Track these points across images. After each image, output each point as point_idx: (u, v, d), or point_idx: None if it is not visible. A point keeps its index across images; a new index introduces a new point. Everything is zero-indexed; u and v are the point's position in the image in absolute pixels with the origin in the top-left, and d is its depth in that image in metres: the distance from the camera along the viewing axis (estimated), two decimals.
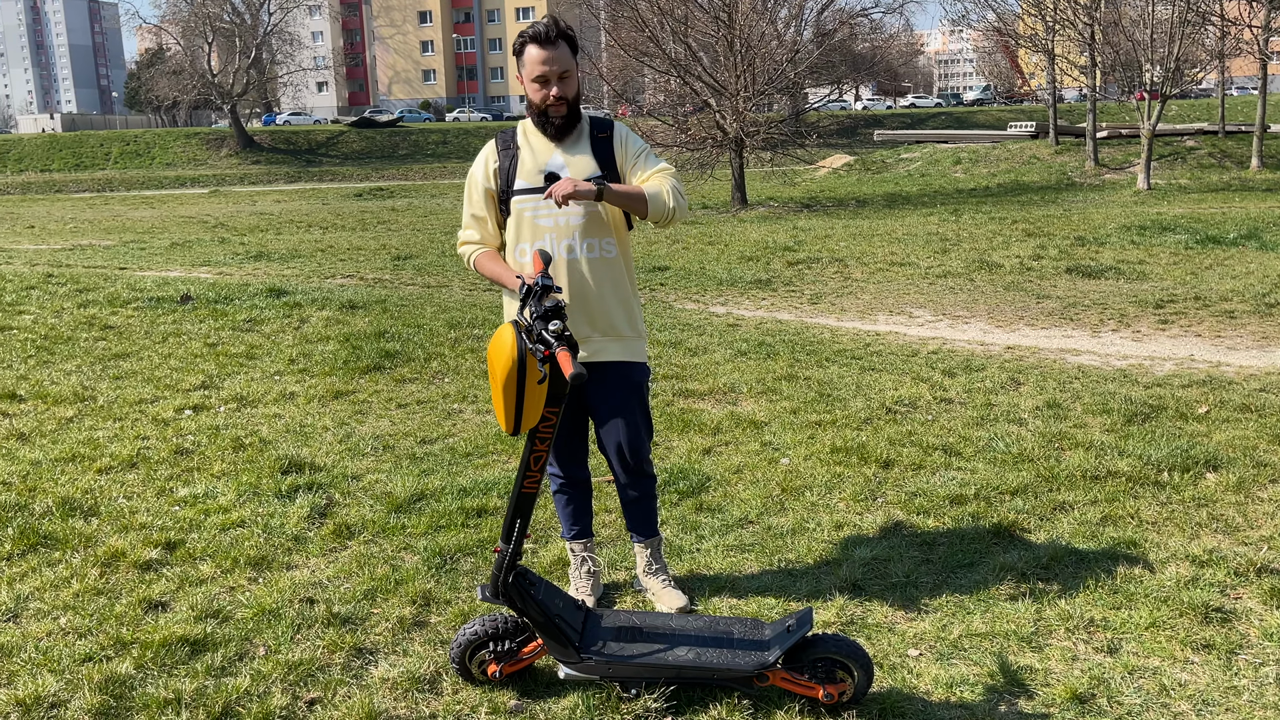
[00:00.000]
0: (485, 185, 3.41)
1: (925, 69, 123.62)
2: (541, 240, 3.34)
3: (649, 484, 3.59)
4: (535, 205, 3.34)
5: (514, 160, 3.38)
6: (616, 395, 3.43)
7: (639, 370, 3.47)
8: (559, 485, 3.61)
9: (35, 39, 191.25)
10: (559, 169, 3.34)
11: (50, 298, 9.86)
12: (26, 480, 4.79)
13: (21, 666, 3.16)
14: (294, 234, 18.93)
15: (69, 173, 53.99)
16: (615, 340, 3.41)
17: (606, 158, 3.38)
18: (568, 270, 3.34)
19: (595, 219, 3.37)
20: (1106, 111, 42.47)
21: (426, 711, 2.98)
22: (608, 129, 3.42)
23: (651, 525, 3.64)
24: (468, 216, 3.47)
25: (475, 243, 3.46)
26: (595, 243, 3.36)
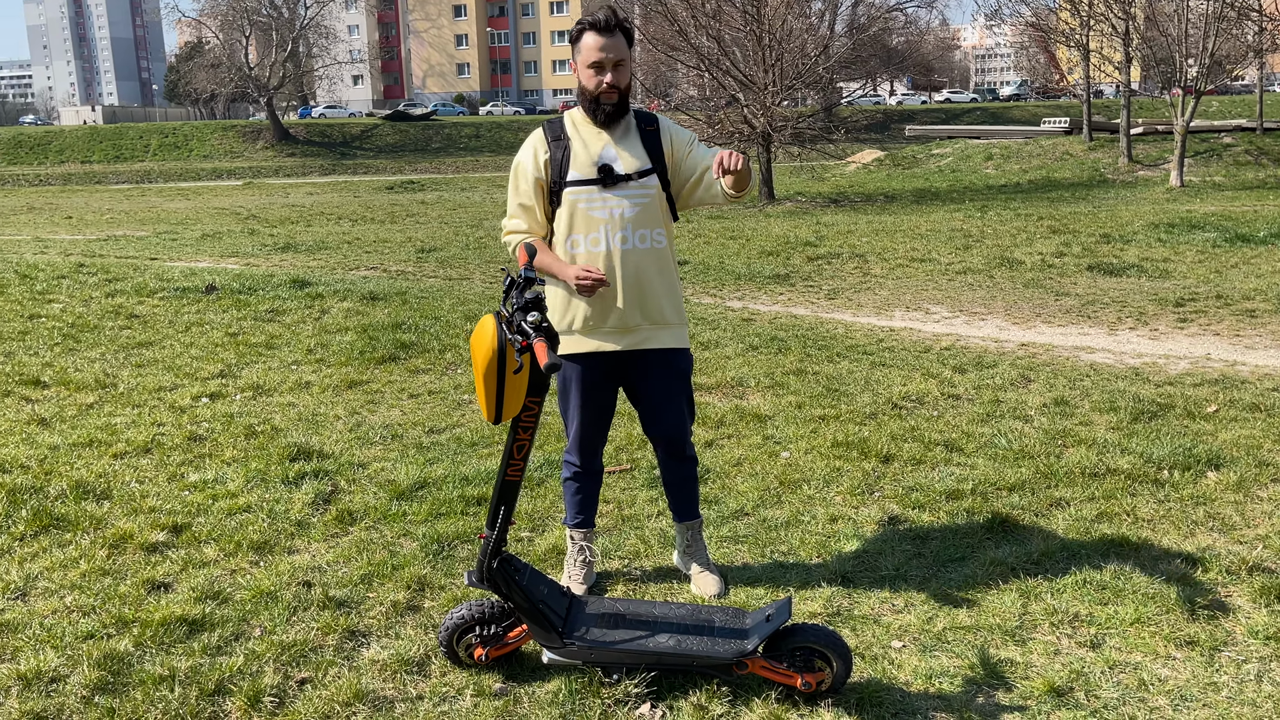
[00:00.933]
0: (535, 175, 3.45)
1: (961, 64, 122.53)
2: (595, 231, 3.41)
3: (691, 466, 3.71)
4: (589, 197, 3.41)
5: (566, 152, 3.43)
6: (664, 382, 3.53)
7: (684, 357, 3.58)
8: (573, 473, 3.68)
9: (78, 32, 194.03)
10: (612, 161, 3.41)
11: (80, 287, 10.06)
12: (43, 464, 4.92)
13: (25, 643, 3.27)
14: (323, 226, 19.13)
15: (109, 164, 54.77)
16: (663, 328, 3.50)
17: (655, 150, 3.48)
18: (621, 260, 3.41)
19: (647, 210, 3.44)
20: (1147, 107, 41.96)
21: (414, 693, 3.06)
22: (654, 122, 3.52)
23: (693, 508, 3.75)
24: (514, 205, 3.50)
25: (523, 232, 3.50)
26: (647, 233, 3.45)
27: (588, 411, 3.54)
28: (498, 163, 53.39)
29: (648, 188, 3.44)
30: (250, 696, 2.97)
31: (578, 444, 3.60)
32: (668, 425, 3.58)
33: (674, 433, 3.59)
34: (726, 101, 23.98)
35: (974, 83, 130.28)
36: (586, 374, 3.50)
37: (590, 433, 3.59)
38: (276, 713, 2.94)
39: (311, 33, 69.25)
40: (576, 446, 3.61)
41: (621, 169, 3.41)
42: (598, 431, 3.60)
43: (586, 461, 3.65)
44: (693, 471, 3.73)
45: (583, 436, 3.58)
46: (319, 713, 2.94)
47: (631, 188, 3.42)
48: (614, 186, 3.40)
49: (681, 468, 3.69)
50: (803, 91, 27.76)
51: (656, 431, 3.61)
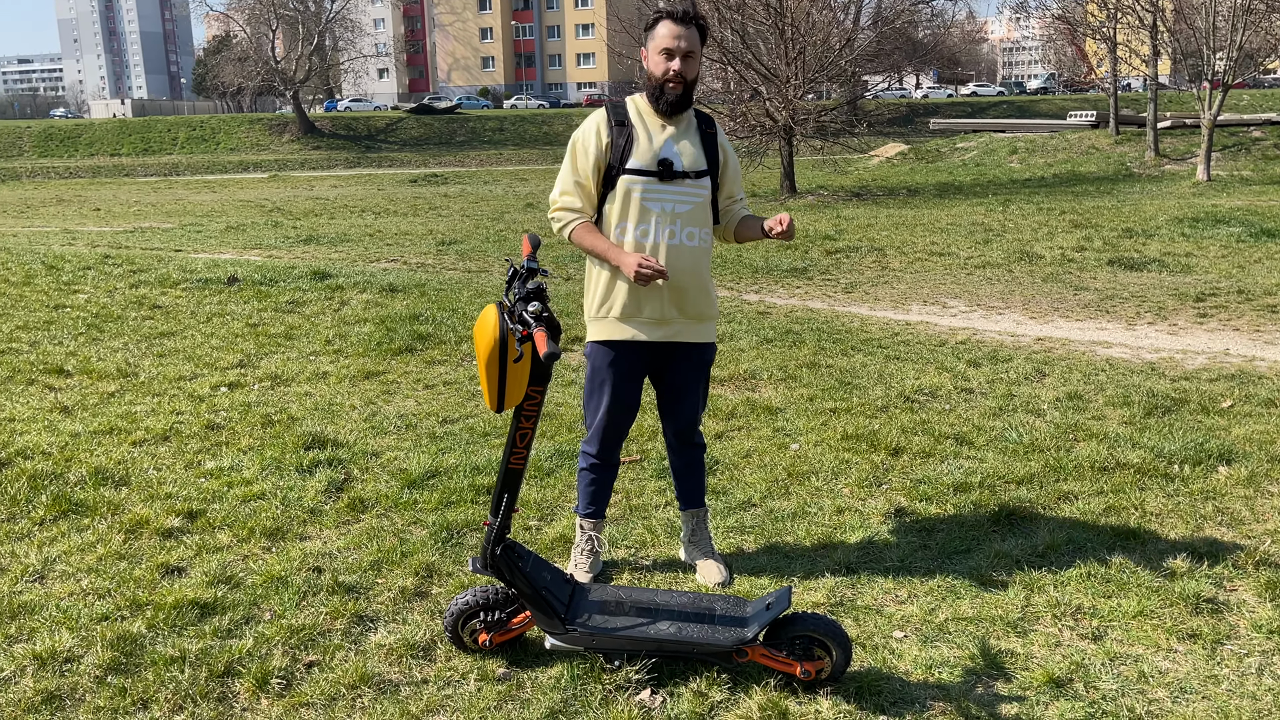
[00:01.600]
0: (597, 156, 3.46)
1: (988, 57, 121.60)
2: (646, 223, 3.45)
3: (699, 453, 3.79)
4: (645, 188, 3.44)
5: (630, 139, 3.46)
6: (687, 373, 3.62)
7: (710, 350, 3.67)
8: (590, 464, 3.71)
9: (108, 26, 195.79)
10: (674, 156, 3.45)
11: (105, 278, 10.19)
12: (64, 451, 5.01)
13: (42, 624, 3.35)
14: (346, 219, 19.27)
15: (137, 157, 55.30)
16: (696, 323, 3.57)
17: (712, 153, 3.54)
18: (667, 255, 3.46)
19: (699, 210, 3.50)
20: (1176, 101, 41.53)
21: (419, 677, 3.11)
22: (713, 127, 3.59)
23: (698, 495, 3.81)
24: (570, 182, 3.48)
25: (576, 210, 3.49)
26: (695, 231, 3.50)
27: (614, 399, 3.57)
28: (521, 156, 53.55)
29: (702, 188, 3.50)
30: (258, 678, 3.03)
31: (600, 433, 3.63)
32: (683, 413, 3.67)
33: (688, 419, 3.69)
34: (750, 95, 23.94)
35: (1001, 76, 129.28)
36: (619, 361, 3.55)
37: (614, 422, 3.61)
38: (284, 694, 2.99)
39: (337, 26, 69.65)
40: (598, 436, 3.64)
41: (681, 165, 3.46)
42: (622, 422, 3.64)
43: (605, 454, 3.68)
44: (700, 458, 3.79)
45: (606, 425, 3.61)
46: (325, 695, 2.99)
47: (687, 185, 3.47)
48: (671, 181, 3.45)
49: (690, 453, 3.77)
50: (826, 85, 27.67)
51: (671, 418, 3.70)
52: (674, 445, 3.77)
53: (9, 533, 4.09)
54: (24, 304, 8.80)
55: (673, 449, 3.78)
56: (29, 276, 10.16)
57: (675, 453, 3.78)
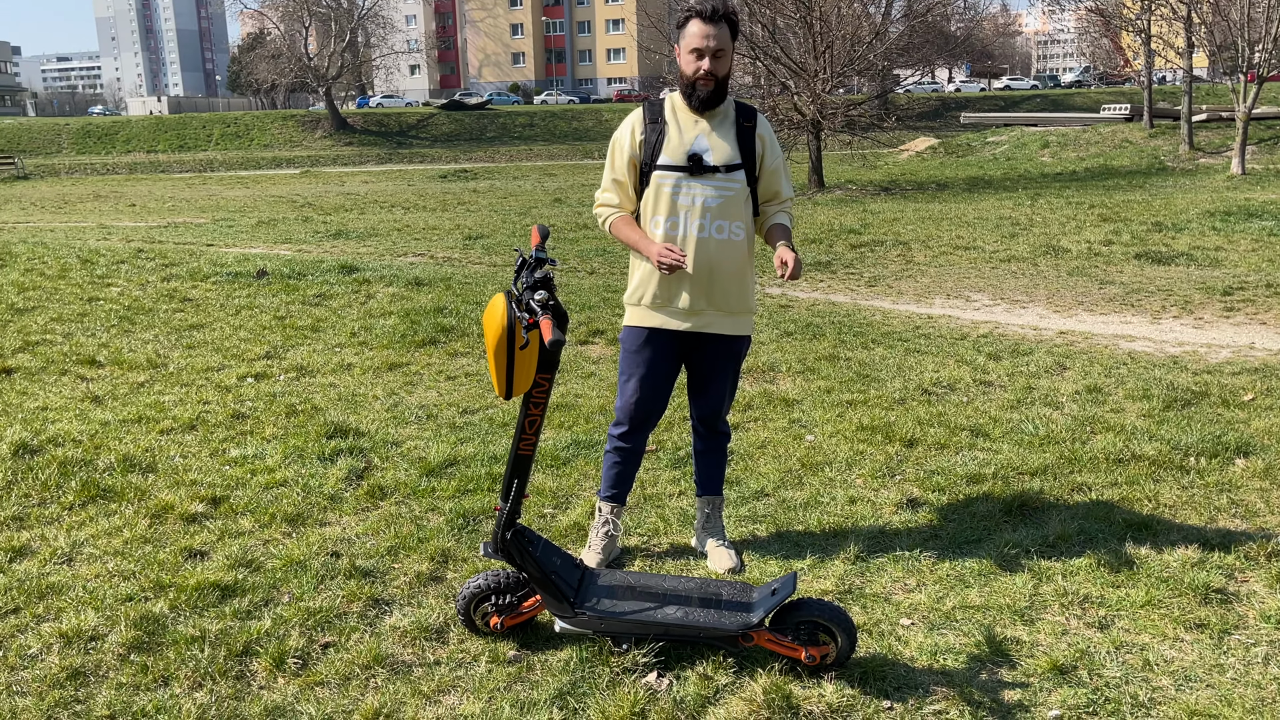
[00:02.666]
0: (630, 153, 3.58)
1: (1023, 50, 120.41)
2: (675, 216, 3.53)
3: (723, 441, 3.88)
4: (675, 182, 3.52)
5: (661, 135, 3.55)
6: (717, 362, 3.69)
7: (741, 343, 3.73)
8: (615, 448, 3.79)
9: (145, 24, 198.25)
10: (704, 151, 3.52)
11: (138, 271, 10.37)
12: (94, 438, 5.14)
13: (69, 604, 3.45)
14: (376, 214, 19.44)
15: (173, 153, 55.97)
16: (726, 315, 3.62)
17: (748, 146, 3.57)
18: (696, 247, 3.53)
19: (730, 204, 3.54)
20: (1214, 94, 40.98)
21: (431, 658, 3.18)
22: (752, 118, 3.62)
23: (717, 484, 3.90)
24: (609, 180, 3.63)
25: (614, 206, 3.63)
26: (725, 224, 3.54)
27: (644, 383, 3.66)
28: (551, 152, 53.68)
29: (734, 181, 3.54)
30: (275, 657, 3.12)
31: (627, 417, 3.71)
32: (710, 400, 3.76)
33: (714, 407, 3.78)
34: (779, 89, 23.89)
35: (1035, 69, 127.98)
36: (649, 346, 3.63)
37: (642, 406, 3.68)
38: (299, 673, 3.07)
39: (370, 23, 70.15)
40: (626, 419, 3.71)
41: (711, 160, 3.52)
42: (650, 407, 3.70)
43: (630, 437, 3.75)
44: (724, 446, 3.89)
45: (634, 410, 3.69)
46: (339, 674, 3.07)
47: (718, 179, 3.52)
48: (701, 176, 3.51)
49: (714, 440, 3.87)
50: (855, 79, 27.55)
51: (697, 403, 3.79)
52: (699, 430, 3.87)
53: (39, 517, 4.21)
54: (59, 297, 8.97)
55: (697, 434, 3.88)
56: (64, 270, 10.35)
57: (700, 438, 3.88)
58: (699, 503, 3.91)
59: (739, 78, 28.05)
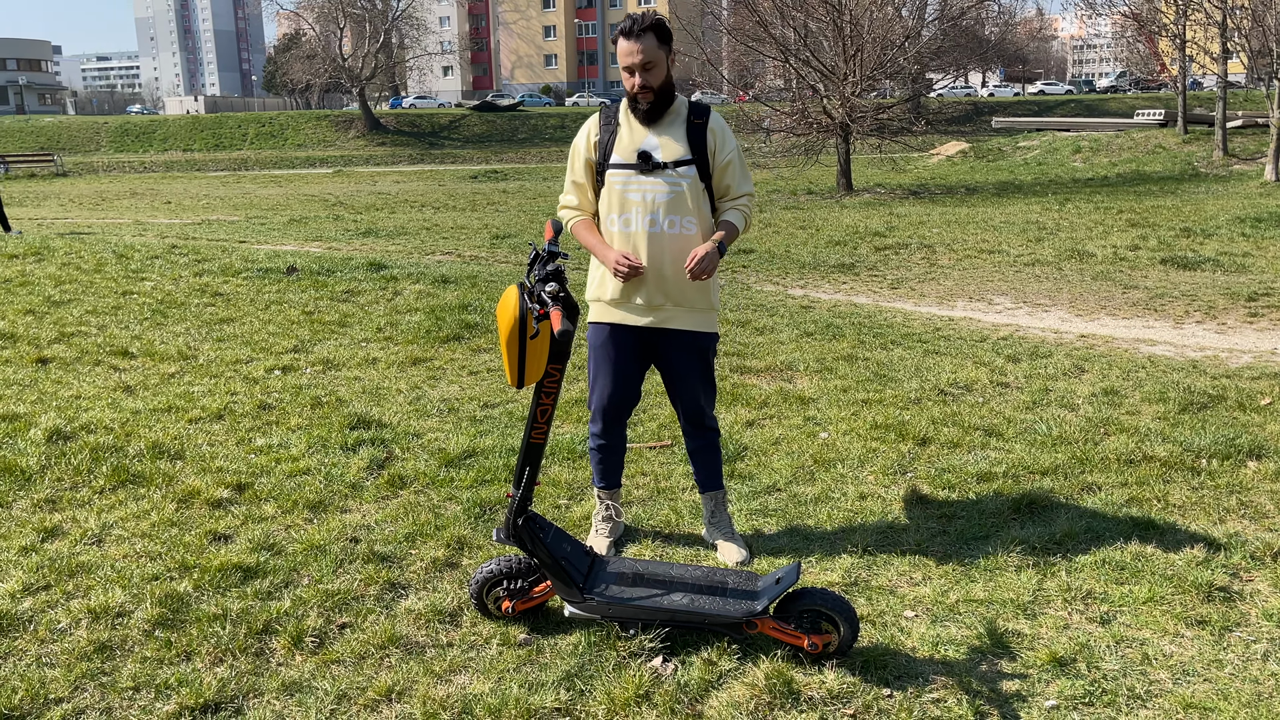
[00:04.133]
0: (586, 155, 3.72)
1: (1058, 54, 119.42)
2: (628, 212, 3.63)
3: (712, 437, 3.92)
4: (626, 180, 3.64)
5: (613, 135, 3.67)
6: (683, 360, 3.75)
7: (706, 338, 3.78)
8: (596, 444, 3.90)
9: (183, 25, 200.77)
10: (652, 149, 3.62)
11: (171, 266, 10.57)
12: (125, 426, 5.28)
13: (97, 582, 3.58)
14: (406, 213, 19.64)
15: (208, 152, 56.67)
16: (687, 311, 3.70)
17: (699, 143, 3.65)
18: (648, 242, 3.63)
19: (679, 199, 3.63)
20: (1250, 100, 40.48)
21: (444, 640, 3.27)
22: (704, 115, 3.69)
23: (715, 479, 3.95)
24: (568, 182, 3.79)
25: (574, 208, 3.77)
26: (676, 219, 3.63)
27: (609, 378, 3.76)
28: None
29: (683, 177, 3.62)
30: (294, 636, 3.22)
31: (600, 411, 3.82)
32: (686, 399, 3.81)
33: (691, 406, 3.82)
34: (809, 92, 23.90)
35: (1070, 74, 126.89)
36: (611, 343, 3.73)
37: (611, 401, 3.79)
38: (317, 651, 3.18)
39: (403, 24, 70.69)
40: (599, 415, 3.83)
41: (660, 157, 3.61)
42: (619, 401, 3.80)
43: (608, 432, 3.86)
44: (714, 442, 3.92)
45: (603, 404, 3.80)
46: (355, 653, 3.17)
47: (668, 175, 3.61)
48: (651, 173, 3.60)
49: (702, 438, 3.90)
50: (887, 83, 27.51)
51: (678, 404, 3.86)
52: (686, 430, 3.93)
53: (71, 499, 4.35)
54: (94, 290, 9.18)
55: (686, 433, 3.94)
56: (100, 265, 10.57)
57: (689, 437, 3.93)
58: (703, 500, 3.99)
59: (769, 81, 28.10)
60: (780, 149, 24.05)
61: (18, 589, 3.53)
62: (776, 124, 23.36)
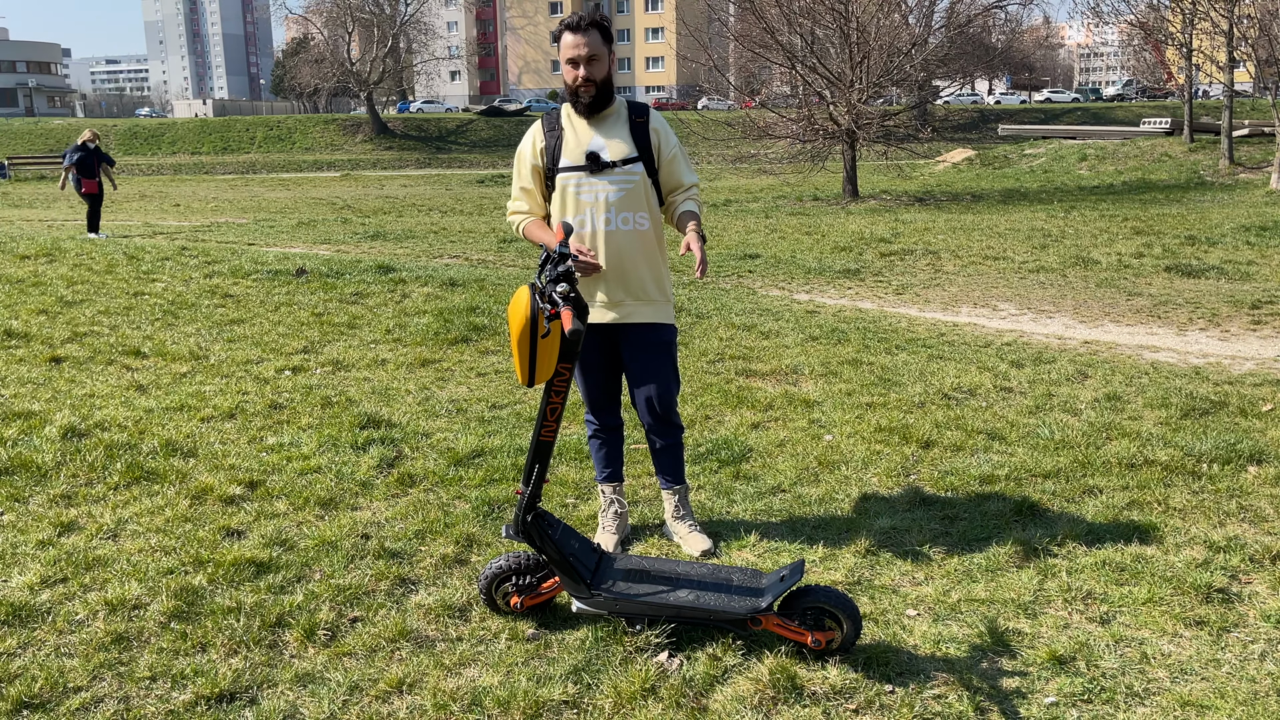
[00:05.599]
0: (533, 162, 3.80)
1: (1065, 62, 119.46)
2: (583, 213, 3.72)
3: (676, 433, 3.98)
4: (578, 182, 3.72)
5: (559, 140, 3.76)
6: (646, 353, 3.82)
7: (667, 330, 3.86)
8: (594, 431, 4.02)
9: (192, 28, 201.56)
10: (600, 149, 3.71)
11: (181, 268, 10.65)
12: (138, 424, 5.35)
13: (113, 575, 3.64)
14: (413, 217, 19.73)
15: (216, 155, 56.90)
16: (646, 304, 3.79)
17: (642, 141, 3.76)
18: (605, 240, 3.71)
19: (631, 195, 3.73)
20: (1256, 108, 40.50)
21: (454, 634, 3.33)
22: (644, 114, 3.80)
23: (678, 473, 4.02)
24: (516, 189, 3.87)
25: (524, 212, 3.86)
26: (629, 216, 3.73)
27: (587, 372, 3.89)
28: None
29: (632, 174, 3.73)
30: (306, 629, 3.29)
31: (589, 404, 3.98)
32: (649, 392, 3.86)
33: (662, 397, 3.86)
34: (815, 99, 23.97)
35: (1077, 82, 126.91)
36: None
37: (595, 392, 3.93)
38: (329, 644, 3.24)
39: (411, 29, 70.96)
40: (590, 405, 3.98)
41: (608, 156, 3.71)
42: (603, 392, 3.93)
43: (602, 419, 3.99)
44: (677, 438, 3.98)
45: (589, 396, 3.95)
46: (366, 647, 3.23)
47: (617, 174, 3.71)
48: (601, 173, 3.70)
49: (666, 432, 3.95)
50: (893, 90, 27.59)
51: (639, 397, 3.89)
52: (653, 428, 3.94)
53: (87, 495, 4.42)
54: (106, 291, 9.26)
55: (652, 431, 3.95)
56: (111, 266, 10.65)
57: (656, 435, 3.95)
58: (665, 496, 4.05)
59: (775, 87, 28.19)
60: (786, 155, 24.13)
61: (36, 581, 3.60)
62: (783, 130, 23.41)
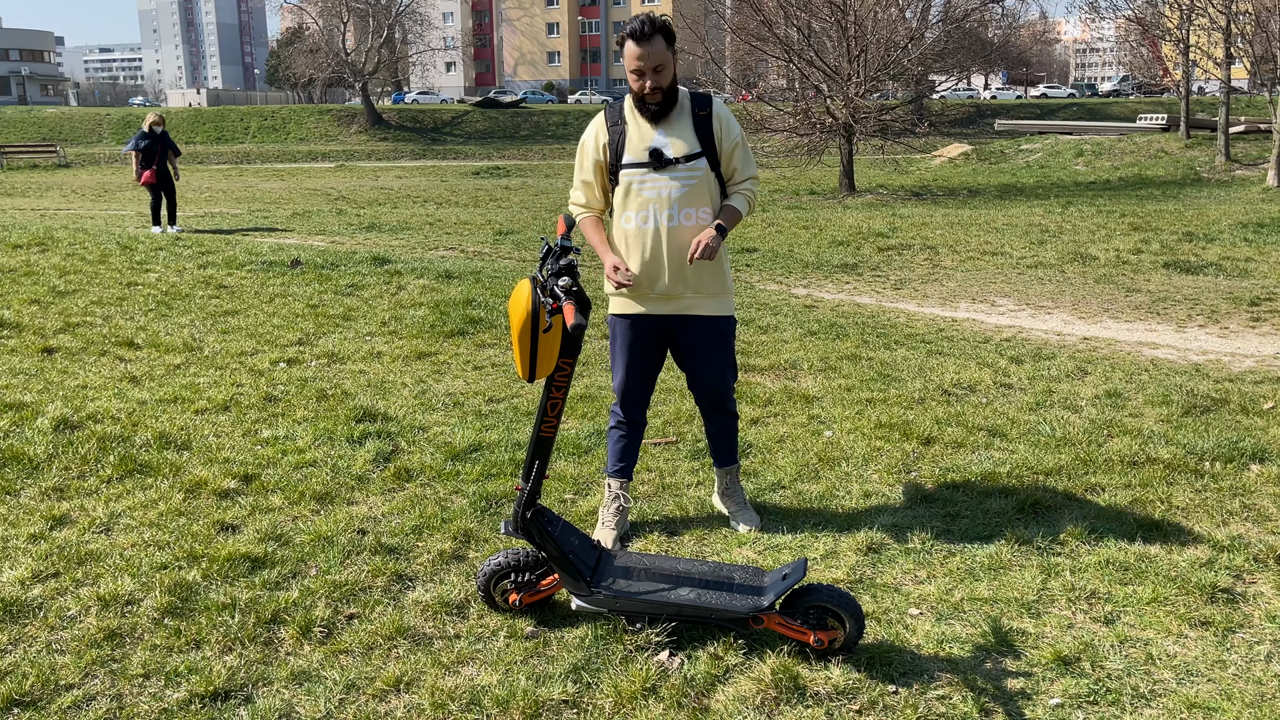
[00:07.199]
0: (595, 156, 3.81)
1: (1061, 58, 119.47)
2: (646, 209, 3.73)
3: (731, 420, 4.08)
4: (640, 178, 3.74)
5: (622, 136, 3.76)
6: (705, 344, 3.87)
7: (725, 322, 3.91)
8: (617, 423, 4.03)
9: (186, 17, 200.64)
10: (663, 146, 3.71)
11: (175, 258, 10.59)
12: (132, 416, 5.30)
13: (106, 570, 3.59)
14: (408, 208, 19.64)
15: (211, 145, 56.62)
16: (706, 297, 3.83)
17: (705, 134, 3.76)
18: (667, 236, 3.74)
19: (694, 191, 3.74)
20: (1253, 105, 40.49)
21: (452, 632, 3.29)
22: (707, 106, 3.78)
23: (731, 455, 4.13)
24: (577, 180, 3.88)
25: (582, 205, 3.87)
26: (693, 211, 3.74)
27: (631, 365, 3.88)
28: None
29: (695, 170, 3.73)
30: (302, 626, 3.24)
31: (621, 395, 3.96)
32: (707, 381, 3.93)
33: (715, 388, 3.94)
34: (812, 93, 23.91)
35: (1073, 78, 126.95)
36: (632, 331, 3.85)
37: (632, 385, 3.92)
38: (325, 641, 3.20)
39: (407, 19, 70.70)
40: (620, 398, 3.96)
41: (670, 154, 3.70)
42: (640, 385, 3.93)
43: (630, 413, 3.99)
44: (733, 425, 4.09)
45: (625, 388, 3.93)
46: (363, 644, 3.19)
47: (680, 170, 3.71)
48: (664, 169, 3.69)
49: (722, 420, 4.06)
50: (890, 84, 27.53)
51: (699, 388, 3.96)
52: (707, 413, 4.05)
53: (79, 489, 4.36)
54: (99, 281, 9.19)
55: (706, 416, 4.07)
56: (104, 256, 10.58)
57: (710, 421, 4.07)
58: (718, 473, 4.16)
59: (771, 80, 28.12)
60: (783, 149, 24.07)
61: (27, 576, 3.55)
62: (779, 124, 23.35)
